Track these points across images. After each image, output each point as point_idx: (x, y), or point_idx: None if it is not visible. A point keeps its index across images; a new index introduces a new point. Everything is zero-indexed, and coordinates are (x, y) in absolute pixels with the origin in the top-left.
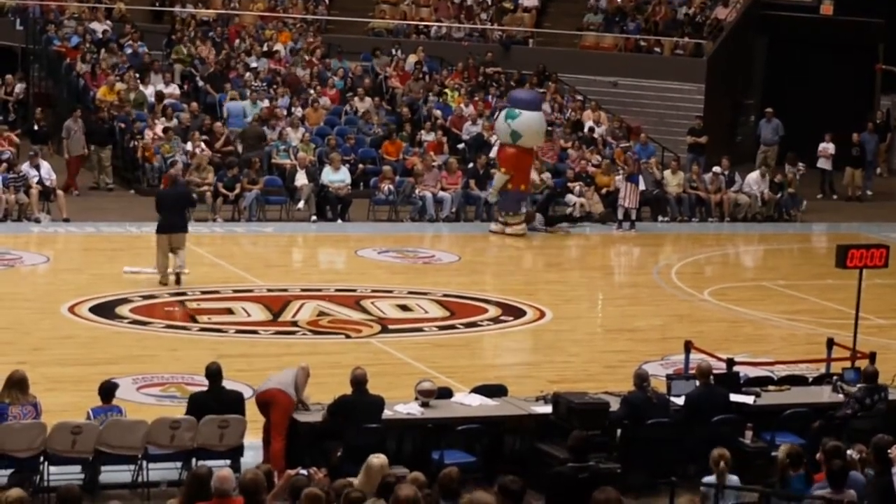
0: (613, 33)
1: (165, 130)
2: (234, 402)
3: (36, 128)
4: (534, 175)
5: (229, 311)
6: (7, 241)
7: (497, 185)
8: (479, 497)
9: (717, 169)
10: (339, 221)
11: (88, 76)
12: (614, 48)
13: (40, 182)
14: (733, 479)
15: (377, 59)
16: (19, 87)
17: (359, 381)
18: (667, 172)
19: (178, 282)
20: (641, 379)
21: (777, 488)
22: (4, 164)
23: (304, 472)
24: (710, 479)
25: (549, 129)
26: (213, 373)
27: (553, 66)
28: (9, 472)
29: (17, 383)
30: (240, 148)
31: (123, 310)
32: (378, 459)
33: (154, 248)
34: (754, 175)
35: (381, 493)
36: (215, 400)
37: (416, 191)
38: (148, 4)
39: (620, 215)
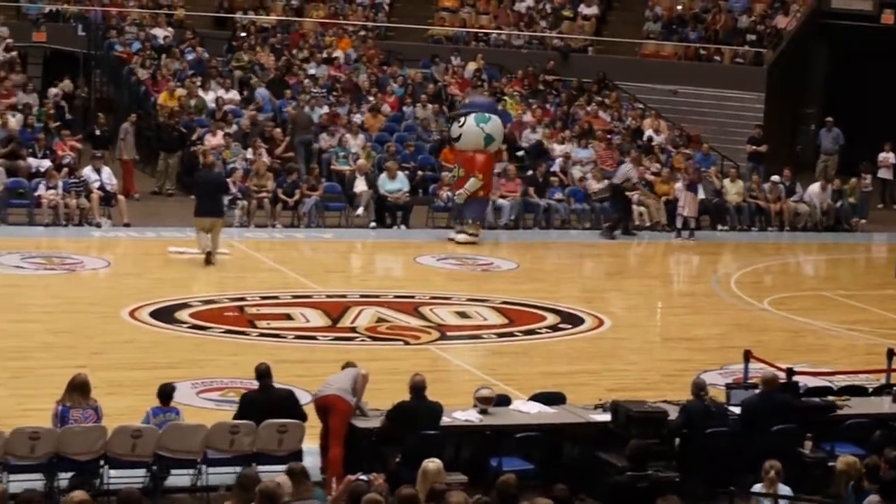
0: (673, 41)
1: (225, 136)
2: (285, 400)
3: (98, 132)
4: (592, 183)
5: (288, 317)
6: (68, 245)
7: (470, 189)
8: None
9: (775, 178)
10: (400, 228)
11: (149, 82)
12: (674, 56)
13: (101, 187)
14: (785, 489)
15: (436, 66)
16: (55, 91)
17: (417, 388)
18: (726, 181)
19: (209, 262)
20: (699, 388)
21: (850, 499)
22: (66, 170)
23: (363, 477)
24: (759, 487)
25: (609, 136)
26: (263, 372)
27: (612, 74)
28: (69, 475)
29: (79, 387)
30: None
31: (183, 314)
32: (433, 464)
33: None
34: (815, 188)
35: (431, 501)
36: (266, 399)
37: None
38: (209, 11)
39: (679, 224)
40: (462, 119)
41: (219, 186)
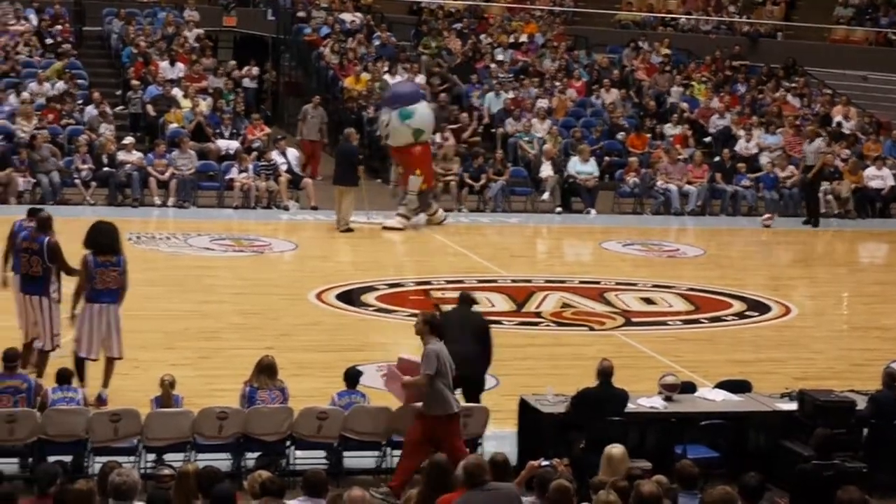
0: (864, 27)
1: None
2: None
3: (268, 114)
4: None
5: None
6: (257, 228)
7: (414, 188)
8: (720, 492)
9: None
10: (592, 213)
11: (337, 66)
12: (865, 42)
13: (289, 170)
14: None
15: (629, 51)
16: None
17: (605, 373)
18: None
19: (348, 229)
20: (890, 378)
21: None
22: (255, 153)
23: (546, 463)
24: None
25: (797, 123)
26: None
27: (802, 60)
28: (256, 454)
29: (266, 368)
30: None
31: (369, 297)
32: (617, 449)
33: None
34: None
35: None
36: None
37: (659, 183)
38: None
39: None
40: (386, 118)
41: (351, 157)
